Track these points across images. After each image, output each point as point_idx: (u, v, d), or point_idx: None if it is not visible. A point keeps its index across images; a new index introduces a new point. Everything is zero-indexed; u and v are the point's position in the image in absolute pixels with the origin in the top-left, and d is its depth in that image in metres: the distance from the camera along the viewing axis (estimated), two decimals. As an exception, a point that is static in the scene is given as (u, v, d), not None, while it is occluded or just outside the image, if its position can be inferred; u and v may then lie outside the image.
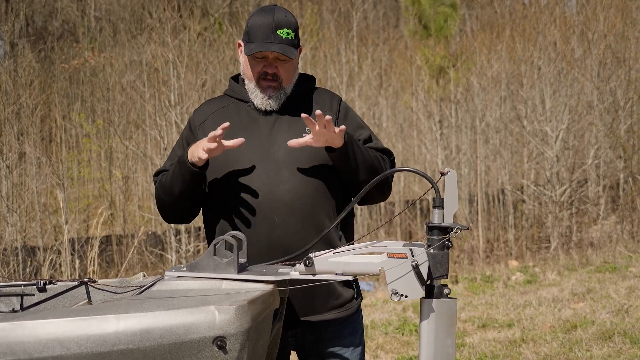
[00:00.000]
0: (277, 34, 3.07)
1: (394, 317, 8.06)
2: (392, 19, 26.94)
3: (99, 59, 18.14)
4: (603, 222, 12.72)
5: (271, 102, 3.12)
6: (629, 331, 6.82)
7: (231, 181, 3.09)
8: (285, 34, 3.08)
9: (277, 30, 3.07)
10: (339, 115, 3.21)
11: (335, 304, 3.16)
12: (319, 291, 2.96)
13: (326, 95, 3.28)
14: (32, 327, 2.20)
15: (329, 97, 3.26)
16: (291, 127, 3.12)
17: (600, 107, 13.34)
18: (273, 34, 3.07)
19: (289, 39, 3.09)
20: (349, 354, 3.22)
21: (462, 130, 14.12)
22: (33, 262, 9.56)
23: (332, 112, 3.18)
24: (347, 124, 3.14)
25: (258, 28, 3.09)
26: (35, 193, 10.83)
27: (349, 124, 3.18)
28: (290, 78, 3.16)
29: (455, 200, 2.70)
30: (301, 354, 3.25)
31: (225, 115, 3.19)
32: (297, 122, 3.11)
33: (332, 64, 15.40)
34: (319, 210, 3.09)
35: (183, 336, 2.24)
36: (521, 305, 8.23)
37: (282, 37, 3.08)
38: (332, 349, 3.20)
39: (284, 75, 3.13)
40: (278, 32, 3.07)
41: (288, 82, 3.16)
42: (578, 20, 14.61)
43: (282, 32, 3.08)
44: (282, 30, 3.08)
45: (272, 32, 3.07)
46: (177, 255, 10.13)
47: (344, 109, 3.25)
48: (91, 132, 14.40)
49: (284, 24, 3.09)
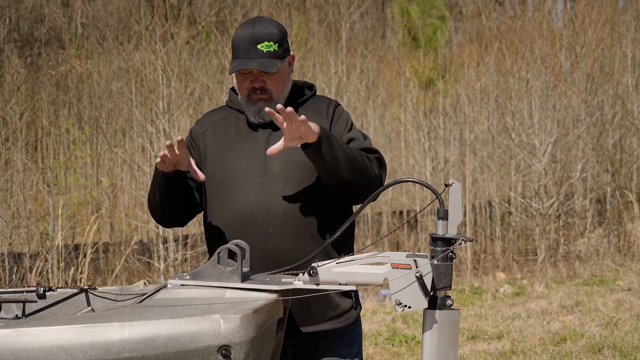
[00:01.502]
0: (258, 48, 3.03)
1: (383, 328, 8.05)
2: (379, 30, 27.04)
3: (86, 65, 18.08)
4: (589, 236, 12.77)
5: (262, 114, 3.09)
6: (619, 344, 6.83)
7: (227, 193, 3.08)
8: (266, 47, 3.03)
9: (257, 44, 3.03)
10: (332, 120, 3.17)
11: (332, 315, 3.14)
12: (317, 301, 2.94)
13: (323, 102, 3.23)
14: (36, 334, 2.17)
15: (325, 103, 3.22)
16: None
17: (588, 120, 13.41)
18: (253, 49, 3.03)
19: (271, 51, 3.04)
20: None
21: (451, 142, 14.15)
22: (20, 269, 9.49)
23: (326, 118, 3.15)
24: (337, 126, 3.13)
25: (239, 43, 3.06)
26: (22, 199, 10.77)
27: (339, 126, 3.14)
28: (280, 90, 3.12)
29: (460, 212, 2.69)
30: (299, 364, 3.23)
31: (225, 125, 3.20)
32: None
33: (320, 74, 15.42)
34: (314, 222, 3.06)
35: (188, 345, 2.22)
36: (510, 317, 8.24)
37: (263, 50, 3.03)
38: (329, 359, 3.19)
39: (273, 87, 3.09)
40: (258, 47, 3.03)
41: (278, 93, 3.12)
42: (565, 34, 14.69)
43: (263, 46, 3.03)
44: (263, 44, 3.03)
45: (252, 47, 3.03)
46: (165, 264, 10.08)
47: (338, 113, 3.19)
48: (79, 139, 14.35)
49: (264, 37, 3.04)
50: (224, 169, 3.10)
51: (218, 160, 3.14)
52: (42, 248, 9.97)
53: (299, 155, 3.03)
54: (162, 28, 11.96)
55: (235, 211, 3.04)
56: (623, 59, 14.79)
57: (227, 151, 3.13)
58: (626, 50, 14.87)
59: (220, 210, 3.11)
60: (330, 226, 3.07)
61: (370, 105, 16.49)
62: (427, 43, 16.86)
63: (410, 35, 17.21)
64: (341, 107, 3.25)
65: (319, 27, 18.63)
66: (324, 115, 3.16)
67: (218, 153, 3.15)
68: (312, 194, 3.06)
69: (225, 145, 3.12)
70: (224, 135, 3.18)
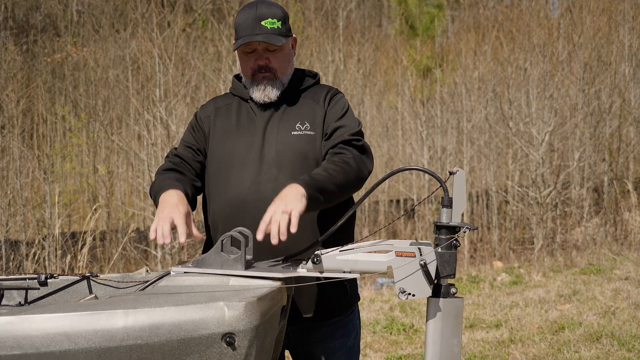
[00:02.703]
0: (262, 25, 3.04)
1: (381, 316, 8.04)
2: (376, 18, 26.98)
3: (82, 53, 18.01)
4: (586, 225, 12.78)
5: (268, 92, 3.09)
6: (617, 333, 6.84)
7: (224, 179, 3.09)
8: (269, 23, 3.04)
9: (260, 21, 3.04)
10: (327, 108, 3.15)
11: (326, 306, 3.13)
12: (311, 292, 2.93)
13: (323, 90, 3.21)
14: (40, 321, 2.16)
15: (324, 91, 3.20)
16: (280, 125, 3.10)
17: (585, 109, 13.40)
18: (257, 26, 3.03)
19: (275, 28, 3.05)
20: (340, 355, 3.19)
21: (448, 131, 14.13)
22: (17, 257, 9.47)
23: (322, 106, 3.14)
24: (330, 114, 3.11)
25: (243, 22, 3.06)
26: (18, 187, 10.73)
27: (331, 113, 3.12)
28: (284, 68, 3.12)
29: (464, 200, 2.68)
30: (294, 354, 3.22)
31: (227, 111, 3.21)
32: (289, 118, 3.11)
33: (317, 63, 15.38)
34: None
35: (192, 332, 2.21)
36: (508, 306, 8.25)
37: (267, 27, 3.04)
38: (323, 349, 3.17)
39: (277, 65, 3.09)
40: (262, 23, 3.04)
41: (283, 72, 3.12)
42: (563, 23, 14.66)
43: (267, 23, 3.04)
44: (266, 20, 3.04)
45: (256, 24, 3.04)
46: (162, 252, 10.06)
47: (333, 101, 3.17)
48: (75, 126, 14.31)
49: (267, 15, 3.05)
50: (223, 155, 3.11)
51: (218, 146, 3.15)
52: (39, 235, 9.95)
53: (294, 143, 3.04)
54: (159, 16, 11.92)
55: (230, 197, 3.05)
56: (620, 48, 14.77)
57: (226, 137, 3.14)
58: (624, 39, 14.84)
59: (216, 196, 3.11)
60: (323, 214, 3.05)
61: (367, 94, 16.46)
62: (424, 32, 16.84)
63: (408, 23, 17.17)
64: (340, 95, 3.23)
65: (315, 15, 18.57)
66: (320, 103, 3.15)
67: (219, 139, 3.16)
68: None
69: (226, 132, 3.13)
70: (225, 122, 3.18)
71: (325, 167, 2.89)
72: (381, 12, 27.74)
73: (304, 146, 3.05)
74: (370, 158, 3.09)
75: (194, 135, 3.22)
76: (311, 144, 3.06)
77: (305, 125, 3.08)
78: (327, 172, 2.86)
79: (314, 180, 2.79)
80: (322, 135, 3.09)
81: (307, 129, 3.08)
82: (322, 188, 2.79)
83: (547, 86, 13.04)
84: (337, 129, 3.07)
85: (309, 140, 3.07)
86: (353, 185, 2.96)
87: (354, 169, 2.93)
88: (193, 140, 3.20)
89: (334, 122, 3.09)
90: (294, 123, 3.09)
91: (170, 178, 3.02)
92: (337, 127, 3.07)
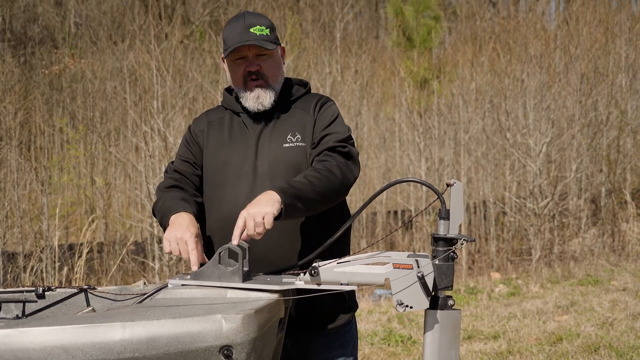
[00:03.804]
0: (251, 31, 3.05)
1: (379, 328, 8.04)
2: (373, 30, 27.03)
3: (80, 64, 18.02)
4: (584, 236, 12.78)
5: (262, 100, 3.09)
6: (614, 344, 6.84)
7: (219, 194, 3.10)
8: (258, 30, 3.05)
9: (249, 29, 3.05)
10: (316, 117, 3.14)
11: (325, 317, 3.13)
12: (309, 303, 2.93)
13: (313, 99, 3.21)
14: (37, 334, 2.16)
15: (314, 101, 3.19)
16: (272, 137, 3.10)
17: (582, 120, 13.42)
18: (246, 33, 3.04)
19: (264, 34, 3.06)
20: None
21: (445, 142, 14.14)
22: (14, 269, 9.45)
23: (312, 116, 3.14)
24: (319, 122, 3.11)
25: (231, 32, 3.08)
26: (15, 199, 10.72)
27: (320, 121, 3.12)
28: (275, 75, 3.12)
29: (461, 212, 2.69)
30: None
31: (220, 125, 3.21)
32: (280, 130, 3.11)
33: (315, 74, 15.40)
34: (301, 221, 3.04)
35: (189, 345, 2.21)
36: (506, 317, 8.24)
37: (257, 34, 3.05)
38: None
39: (268, 72, 3.10)
40: (251, 30, 3.05)
41: (274, 79, 3.12)
42: (560, 34, 14.70)
43: (255, 30, 3.05)
44: (255, 27, 3.05)
45: (245, 31, 3.05)
46: (160, 263, 10.05)
47: (323, 110, 3.16)
48: (73, 138, 14.31)
49: (256, 23, 3.07)
50: (217, 169, 3.11)
51: (212, 160, 3.15)
52: (37, 248, 9.93)
53: (285, 155, 3.04)
54: (156, 27, 11.93)
55: (225, 214, 3.04)
56: (617, 59, 14.81)
57: (219, 151, 3.14)
58: (620, 50, 14.89)
59: (212, 211, 3.12)
60: (318, 225, 3.06)
61: (364, 105, 16.48)
62: (421, 43, 16.86)
63: (405, 35, 17.20)
64: (330, 102, 3.22)
65: (313, 27, 18.60)
66: (310, 113, 3.15)
67: (212, 152, 3.16)
68: None
69: (219, 145, 3.14)
70: (218, 135, 3.18)
71: (306, 174, 2.88)
72: (378, 23, 27.80)
73: (296, 158, 3.05)
74: (357, 164, 3.08)
75: (190, 149, 3.22)
76: (302, 155, 3.06)
77: (297, 136, 3.08)
78: (306, 179, 2.84)
79: (291, 187, 2.78)
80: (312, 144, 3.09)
81: (298, 140, 3.08)
82: (300, 195, 2.78)
83: (544, 97, 13.06)
84: (324, 136, 3.07)
85: (300, 152, 3.07)
86: (336, 192, 2.94)
87: (336, 176, 2.92)
88: (190, 154, 3.20)
89: (322, 129, 3.09)
90: (285, 134, 3.09)
91: (175, 198, 3.02)
92: (325, 135, 3.07)
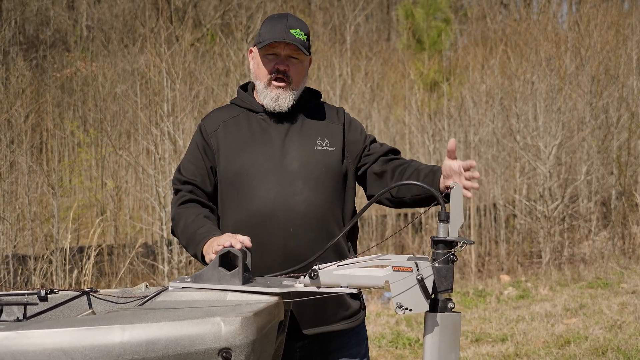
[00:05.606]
0: (291, 32, 3.07)
1: (387, 331, 8.04)
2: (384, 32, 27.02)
3: (91, 68, 18.11)
4: (594, 238, 12.75)
5: (280, 102, 3.11)
6: (623, 347, 6.81)
7: (244, 192, 3.08)
8: (298, 34, 3.08)
9: (290, 29, 3.07)
10: (344, 124, 3.23)
11: (344, 315, 3.17)
12: (329, 302, 2.93)
13: (332, 109, 3.30)
14: (37, 337, 2.17)
15: (335, 110, 3.29)
16: (302, 138, 3.14)
17: (593, 123, 13.38)
18: (286, 33, 3.06)
19: (302, 39, 3.09)
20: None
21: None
22: (24, 271, 9.50)
23: (339, 123, 3.22)
24: (352, 131, 3.22)
25: (273, 26, 3.09)
26: (26, 201, 10.78)
27: (354, 130, 3.23)
28: (299, 80, 3.15)
29: (461, 214, 2.69)
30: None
31: (237, 125, 3.19)
32: (308, 133, 3.15)
33: (325, 77, 15.42)
34: (331, 220, 3.11)
35: (188, 347, 2.22)
36: (514, 320, 8.23)
37: (295, 36, 3.08)
38: (339, 359, 3.20)
39: (294, 75, 3.12)
40: (291, 32, 3.07)
41: (297, 84, 3.15)
42: (571, 37, 14.67)
43: (296, 32, 3.08)
44: (295, 30, 3.08)
45: (286, 30, 3.06)
46: (169, 266, 10.08)
47: (348, 119, 3.27)
48: (83, 141, 14.37)
49: (297, 26, 3.09)
50: (239, 169, 3.10)
51: (232, 160, 3.13)
52: (47, 250, 9.98)
53: (317, 156, 3.10)
54: (167, 30, 11.98)
55: (254, 210, 3.05)
56: (628, 62, 14.76)
57: (241, 151, 3.13)
58: (631, 52, 14.83)
59: (236, 210, 3.10)
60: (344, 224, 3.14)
61: (375, 108, 16.48)
62: (431, 46, 16.84)
63: (415, 37, 17.18)
64: (348, 113, 3.34)
65: (323, 29, 18.64)
66: (335, 121, 3.23)
67: (232, 153, 3.14)
68: (330, 194, 3.12)
69: (239, 145, 3.13)
70: (236, 135, 3.16)
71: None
72: (389, 26, 27.78)
73: (327, 160, 3.12)
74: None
75: (202, 154, 3.17)
76: (332, 159, 3.14)
77: (326, 141, 3.16)
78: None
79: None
80: (342, 152, 3.17)
81: (327, 145, 3.15)
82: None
83: (555, 100, 13.03)
84: (373, 141, 3.26)
85: (330, 156, 3.14)
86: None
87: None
88: (201, 160, 3.17)
89: (368, 138, 3.26)
90: (314, 138, 3.14)
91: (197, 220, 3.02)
92: (373, 141, 3.26)
